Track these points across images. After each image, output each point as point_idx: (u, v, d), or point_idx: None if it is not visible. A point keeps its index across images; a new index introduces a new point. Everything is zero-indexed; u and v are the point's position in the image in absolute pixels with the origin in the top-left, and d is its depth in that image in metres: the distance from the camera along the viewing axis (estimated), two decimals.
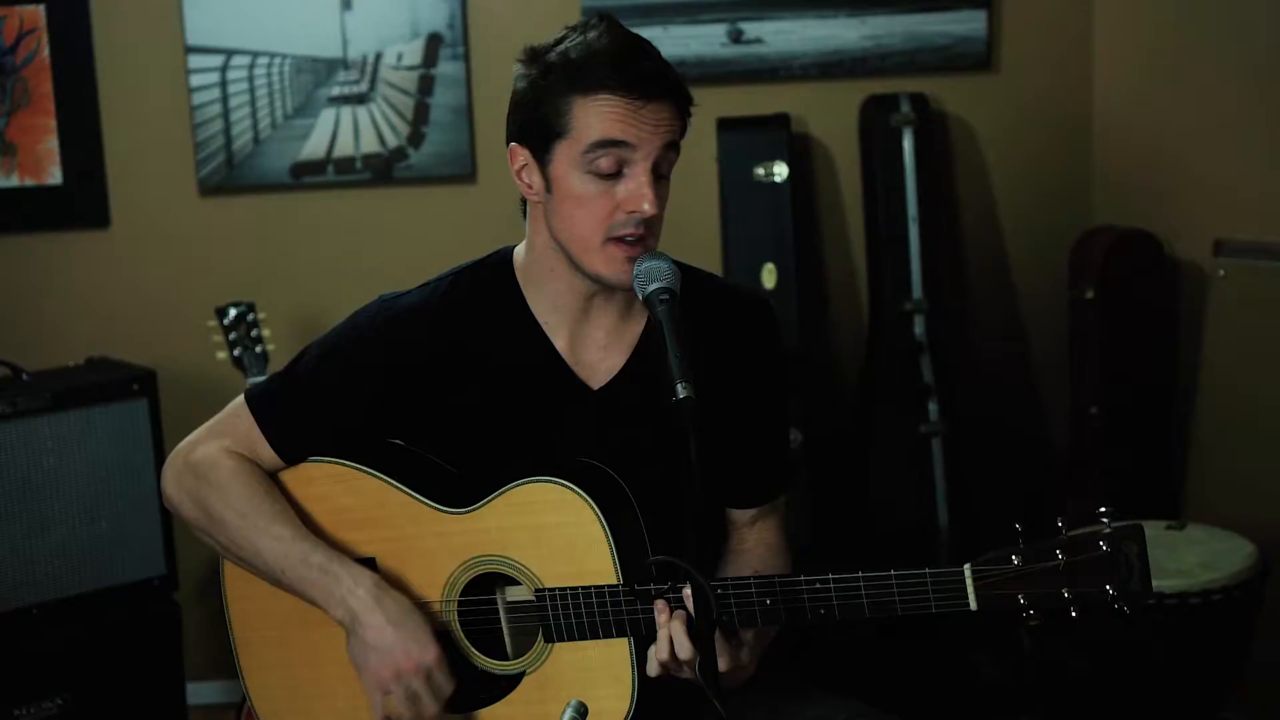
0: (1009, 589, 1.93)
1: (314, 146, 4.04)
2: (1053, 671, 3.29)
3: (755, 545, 2.24)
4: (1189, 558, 3.10)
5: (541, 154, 2.04)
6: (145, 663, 3.57)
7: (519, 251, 2.18)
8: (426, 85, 4.03)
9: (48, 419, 3.44)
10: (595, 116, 1.99)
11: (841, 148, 4.11)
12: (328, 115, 4.03)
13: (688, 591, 1.94)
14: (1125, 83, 4.07)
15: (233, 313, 3.58)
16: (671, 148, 2.03)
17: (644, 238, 2.03)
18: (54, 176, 4.01)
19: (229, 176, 4.05)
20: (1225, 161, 3.71)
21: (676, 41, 3.97)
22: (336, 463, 2.19)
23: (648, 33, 3.91)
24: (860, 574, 1.97)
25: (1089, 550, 1.92)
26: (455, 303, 2.16)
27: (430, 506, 2.14)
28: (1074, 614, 1.92)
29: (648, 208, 2.00)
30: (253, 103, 4.01)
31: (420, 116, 4.04)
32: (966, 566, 1.94)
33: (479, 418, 2.15)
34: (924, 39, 4.05)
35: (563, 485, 2.06)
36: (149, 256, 4.09)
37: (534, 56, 2.05)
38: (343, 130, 4.03)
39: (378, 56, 4.02)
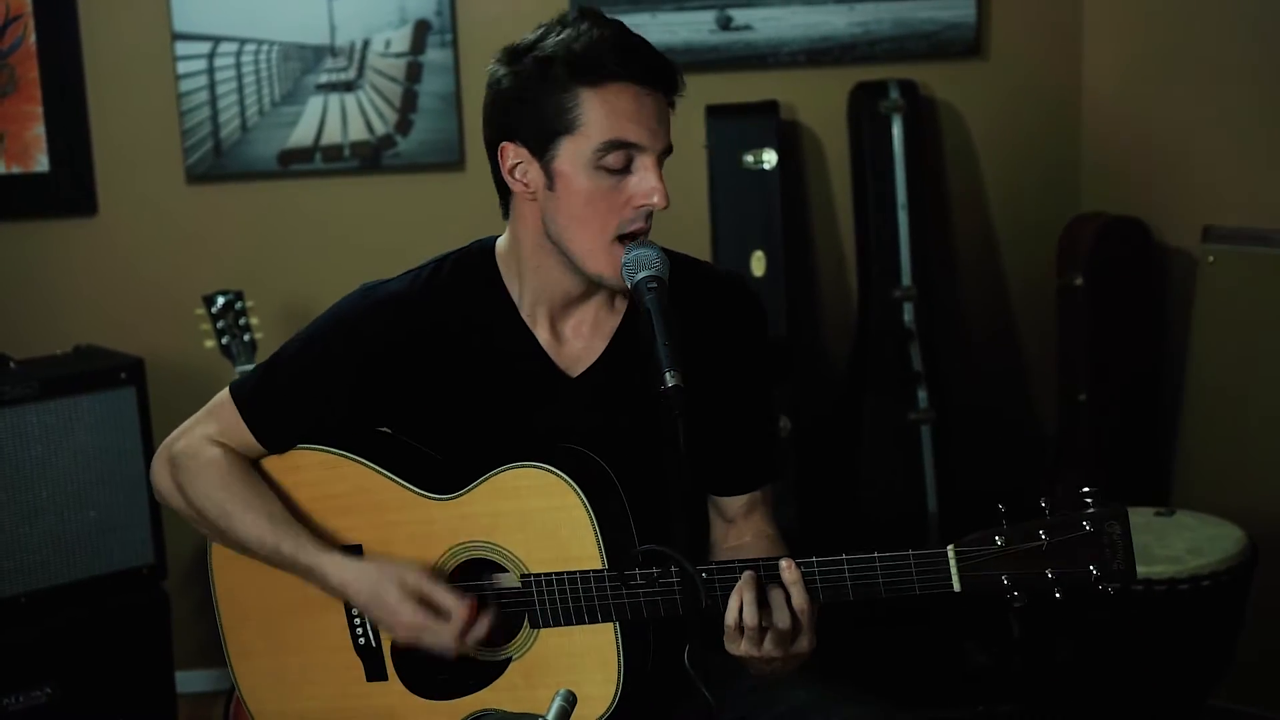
0: (992, 570, 1.94)
1: (302, 134, 4.03)
2: (1041, 658, 3.30)
3: (755, 538, 2.23)
4: (1178, 544, 3.10)
5: (542, 151, 2.02)
6: (134, 651, 3.56)
7: (501, 243, 2.18)
8: (414, 72, 4.02)
9: (35, 407, 3.43)
10: (606, 111, 1.98)
11: (830, 135, 4.10)
12: (315, 103, 4.02)
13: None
14: (1114, 69, 4.07)
15: (220, 301, 3.57)
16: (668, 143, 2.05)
17: (647, 231, 2.04)
18: (41, 164, 3.99)
19: (216, 164, 4.03)
20: (1214, 148, 3.71)
21: (664, 28, 3.97)
22: (323, 450, 2.20)
23: (636, 19, 3.94)
24: (844, 556, 1.98)
25: (1072, 530, 1.92)
26: (437, 290, 2.16)
27: (416, 493, 2.14)
28: (1058, 595, 1.93)
29: (658, 200, 2.00)
30: (240, 90, 4.00)
31: (408, 104, 4.03)
32: (950, 548, 1.95)
33: (460, 405, 2.16)
34: (913, 25, 4.04)
35: (547, 470, 2.06)
36: (136, 244, 4.08)
37: (520, 53, 2.03)
38: (330, 118, 4.02)
39: (365, 43, 4.01)
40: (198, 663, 3.95)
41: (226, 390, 2.25)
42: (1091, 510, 1.92)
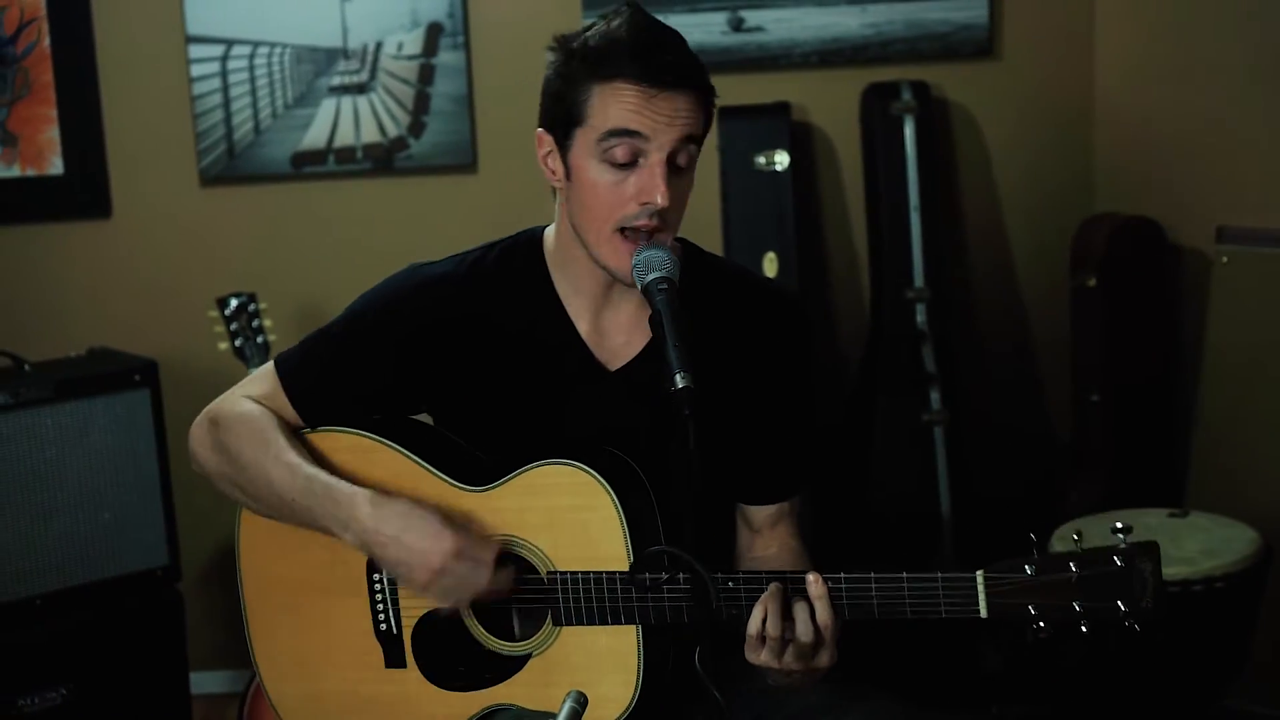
0: (1020, 598, 1.93)
1: (315, 136, 4.04)
2: (1054, 660, 3.30)
3: (780, 550, 2.23)
4: (1192, 545, 3.10)
5: (563, 141, 2.05)
6: (149, 652, 3.57)
7: (548, 233, 2.20)
8: (427, 75, 4.02)
9: (50, 410, 3.45)
10: (611, 104, 1.99)
11: (843, 136, 4.10)
12: (328, 105, 4.03)
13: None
14: (1126, 70, 4.06)
15: (234, 303, 3.58)
16: (690, 140, 2.03)
17: (657, 230, 2.03)
18: (55, 167, 4.01)
19: (230, 166, 4.04)
20: (1226, 148, 3.70)
21: (677, 29, 3.96)
22: (358, 434, 2.20)
23: None
24: (872, 574, 1.97)
25: (1103, 565, 1.91)
26: (483, 275, 2.18)
27: (448, 482, 2.15)
28: (1084, 628, 1.92)
29: (659, 199, 2.00)
30: (253, 92, 4.01)
31: (421, 106, 4.03)
32: (979, 573, 1.94)
33: (497, 390, 2.17)
34: (925, 26, 4.04)
35: (580, 469, 2.06)
36: (150, 247, 4.09)
37: (561, 44, 2.07)
38: (343, 120, 4.03)
39: (378, 46, 4.01)
40: (212, 664, 3.96)
41: (270, 362, 2.26)
42: (1124, 546, 1.92)
